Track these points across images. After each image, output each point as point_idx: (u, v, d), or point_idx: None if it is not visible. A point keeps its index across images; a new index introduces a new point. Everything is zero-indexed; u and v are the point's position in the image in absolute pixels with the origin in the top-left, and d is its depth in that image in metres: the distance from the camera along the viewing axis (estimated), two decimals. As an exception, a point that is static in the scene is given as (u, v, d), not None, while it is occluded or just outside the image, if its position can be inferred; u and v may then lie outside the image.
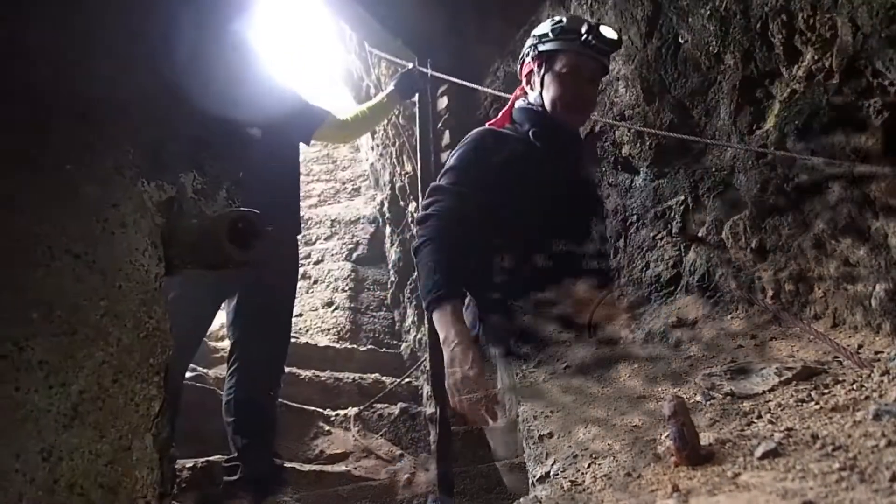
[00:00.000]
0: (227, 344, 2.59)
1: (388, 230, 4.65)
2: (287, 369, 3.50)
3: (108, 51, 0.76)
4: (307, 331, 4.96)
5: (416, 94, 3.05)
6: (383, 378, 3.91)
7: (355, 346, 4.49)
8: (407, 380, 3.88)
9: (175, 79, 0.84)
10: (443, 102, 3.14)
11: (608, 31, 1.69)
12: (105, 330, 0.67)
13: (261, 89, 2.26)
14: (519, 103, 1.84)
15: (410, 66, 2.99)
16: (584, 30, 1.66)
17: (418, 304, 3.77)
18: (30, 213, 0.64)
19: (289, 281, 2.44)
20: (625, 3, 2.21)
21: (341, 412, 3.45)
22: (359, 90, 4.11)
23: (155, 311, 0.72)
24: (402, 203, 4.11)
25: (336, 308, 5.03)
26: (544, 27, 1.77)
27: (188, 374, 2.89)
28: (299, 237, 2.59)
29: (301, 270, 5.36)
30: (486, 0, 2.99)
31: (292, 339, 4.18)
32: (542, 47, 1.74)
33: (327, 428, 3.32)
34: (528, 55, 1.81)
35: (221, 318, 2.65)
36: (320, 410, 3.37)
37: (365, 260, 5.24)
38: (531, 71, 1.79)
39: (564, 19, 1.75)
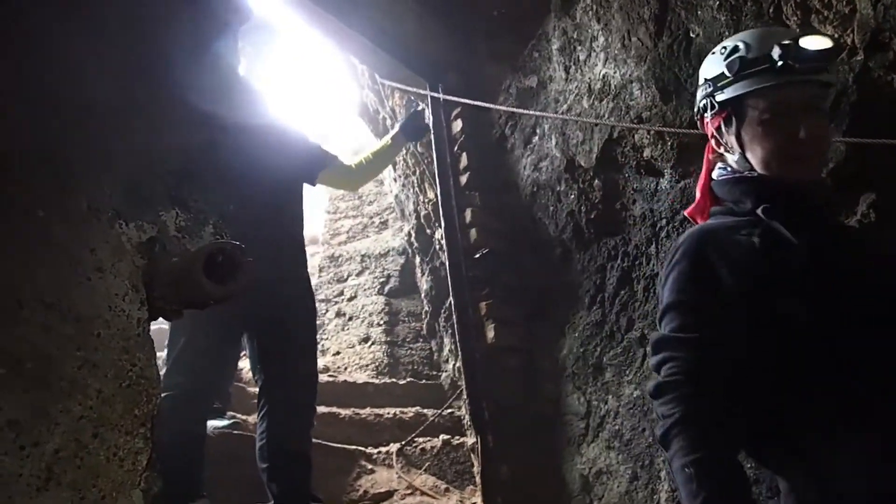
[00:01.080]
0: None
1: (417, 260, 4.61)
2: (326, 409, 3.47)
3: (82, 79, 0.73)
4: (345, 368, 4.93)
5: (424, 136, 3.05)
6: (424, 410, 3.83)
7: (394, 379, 4.43)
8: (448, 410, 3.80)
9: (155, 109, 0.81)
10: (457, 125, 3.10)
11: (814, 42, 1.14)
12: (82, 382, 0.63)
13: (263, 126, 2.27)
14: (718, 173, 1.30)
15: (420, 107, 3.00)
16: (777, 54, 1.13)
17: (454, 332, 3.68)
18: (-9, 262, 0.60)
19: (303, 320, 2.39)
20: (631, 4, 2.15)
21: (383, 449, 3.37)
22: (375, 123, 4.12)
23: (139, 359, 0.68)
24: (428, 231, 4.06)
25: (373, 343, 5.00)
26: (715, 65, 1.25)
27: (224, 423, 2.86)
28: (309, 271, 2.55)
29: (335, 308, 5.36)
30: (492, 18, 2.97)
31: (330, 379, 4.15)
32: (721, 96, 1.23)
33: (370, 466, 3.24)
34: (705, 110, 1.28)
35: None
36: (362, 449, 3.30)
37: (397, 292, 5.21)
38: (719, 127, 1.27)
39: (741, 45, 1.20)
